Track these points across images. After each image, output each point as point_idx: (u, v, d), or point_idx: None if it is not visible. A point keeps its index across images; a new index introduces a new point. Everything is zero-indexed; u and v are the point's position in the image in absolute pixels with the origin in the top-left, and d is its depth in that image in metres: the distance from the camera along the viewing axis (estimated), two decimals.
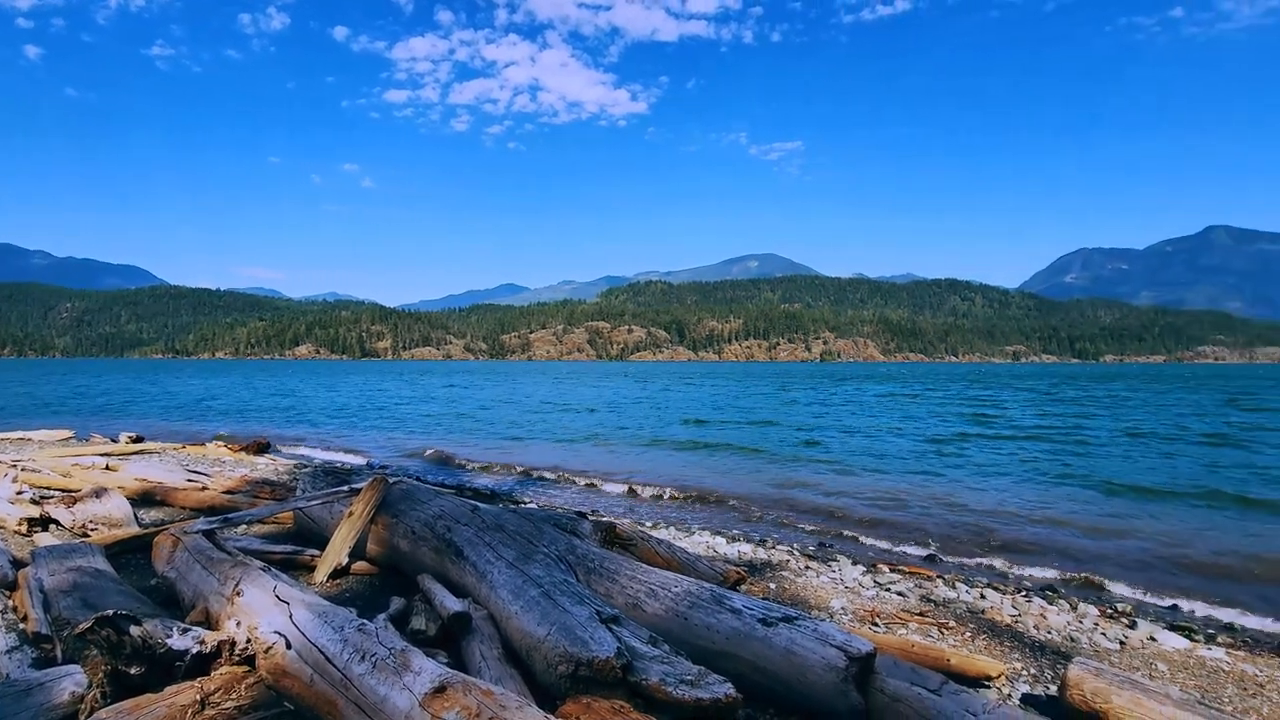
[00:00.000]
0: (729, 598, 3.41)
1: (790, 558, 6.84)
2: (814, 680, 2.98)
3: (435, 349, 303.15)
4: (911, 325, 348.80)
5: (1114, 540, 8.16)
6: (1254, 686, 4.15)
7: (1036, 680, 3.97)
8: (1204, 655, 4.68)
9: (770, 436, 18.39)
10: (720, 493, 10.71)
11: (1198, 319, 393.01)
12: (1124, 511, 9.57)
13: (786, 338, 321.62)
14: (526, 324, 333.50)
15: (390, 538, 4.74)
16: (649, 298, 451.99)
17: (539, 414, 25.76)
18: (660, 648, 2.84)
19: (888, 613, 5.08)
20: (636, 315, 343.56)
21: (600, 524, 4.65)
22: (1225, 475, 12.48)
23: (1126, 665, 4.40)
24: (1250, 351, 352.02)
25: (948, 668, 3.78)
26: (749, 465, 13.54)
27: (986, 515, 9.30)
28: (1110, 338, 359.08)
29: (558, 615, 3.04)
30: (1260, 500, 10.18)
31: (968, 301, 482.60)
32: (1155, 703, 2.93)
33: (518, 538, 3.98)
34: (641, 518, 8.95)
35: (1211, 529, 8.61)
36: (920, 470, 12.99)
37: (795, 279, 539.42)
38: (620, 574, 3.66)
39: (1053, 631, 4.97)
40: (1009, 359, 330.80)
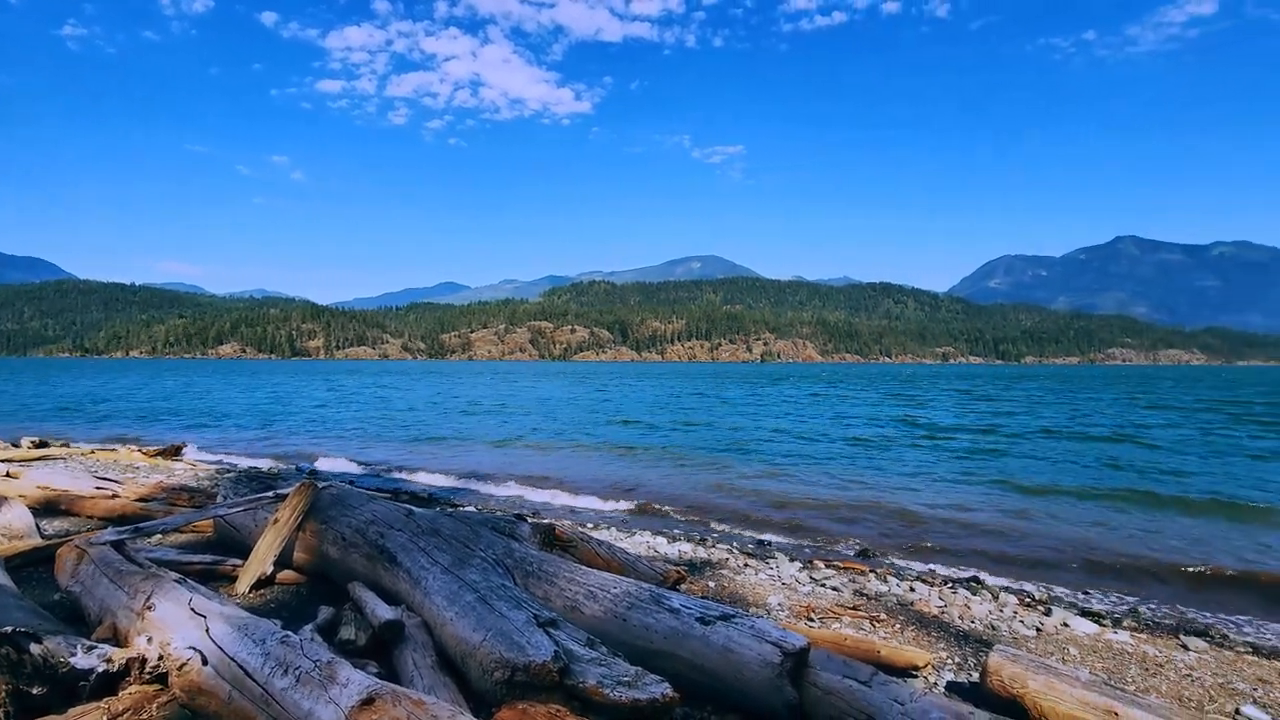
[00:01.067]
0: (667, 597, 3.42)
1: (730, 556, 6.93)
2: (750, 676, 3.02)
3: (371, 349, 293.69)
4: (848, 327, 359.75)
5: (1032, 533, 8.61)
6: (1154, 666, 4.44)
7: (960, 668, 4.14)
8: (1111, 639, 4.98)
9: (707, 437, 18.60)
10: (660, 493, 10.77)
11: (1108, 323, 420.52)
12: (1039, 507, 10.11)
13: (728, 339, 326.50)
14: (467, 323, 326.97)
15: (319, 545, 4.55)
16: (592, 298, 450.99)
17: (476, 416, 25.31)
18: (598, 650, 2.82)
19: (823, 608, 5.20)
20: (580, 315, 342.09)
21: (539, 526, 4.59)
22: (1129, 472, 13.34)
23: (1042, 651, 4.64)
24: (1153, 354, 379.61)
25: (878, 659, 3.90)
26: (689, 465, 13.67)
27: (915, 511, 9.66)
28: (1030, 340, 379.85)
29: (494, 620, 2.98)
30: (1161, 496, 10.92)
31: (901, 304, 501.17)
32: (1066, 685, 3.10)
33: (454, 542, 3.88)
34: (582, 519, 8.91)
35: (1117, 522, 9.19)
36: (852, 468, 13.40)
37: (737, 281, 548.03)
38: (559, 576, 3.62)
39: (976, 621, 5.20)
40: (939, 360, 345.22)
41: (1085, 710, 2.96)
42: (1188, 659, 4.63)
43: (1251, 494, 10.83)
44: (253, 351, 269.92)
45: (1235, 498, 10.42)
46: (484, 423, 22.41)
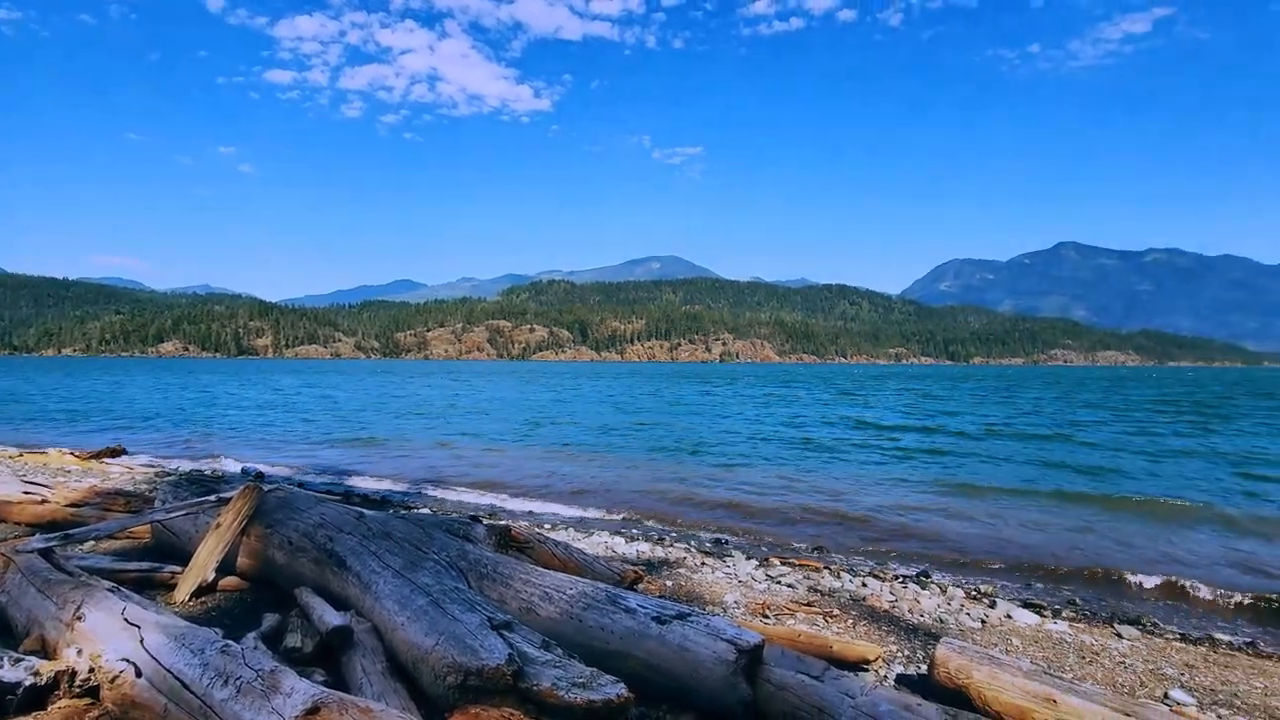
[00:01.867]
0: (624, 597, 3.41)
1: (687, 555, 6.97)
2: (706, 675, 3.04)
3: (323, 347, 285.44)
4: (805, 328, 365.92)
5: (977, 529, 8.89)
6: (1090, 654, 4.63)
7: (910, 661, 4.25)
8: (1051, 629, 5.18)
9: (665, 437, 18.66)
10: (619, 493, 10.77)
11: (1050, 326, 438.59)
12: (984, 504, 10.45)
13: (687, 338, 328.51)
14: (423, 322, 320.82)
15: (265, 550, 4.40)
16: (552, 297, 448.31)
17: (431, 417, 24.89)
18: (553, 651, 2.80)
19: (778, 604, 5.27)
20: (539, 315, 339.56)
21: (495, 527, 4.53)
22: (1066, 471, 13.90)
23: (987, 642, 4.79)
24: (1092, 355, 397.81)
25: (831, 654, 3.97)
26: (647, 466, 13.69)
27: (868, 509, 9.87)
28: (978, 341, 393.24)
29: (447, 624, 2.93)
30: (1093, 495, 11.41)
31: (856, 306, 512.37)
32: (1009, 675, 3.21)
33: (406, 545, 3.80)
34: (540, 520, 8.84)
35: (1056, 518, 9.56)
36: (806, 468, 13.63)
37: (696, 281, 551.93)
38: (514, 578, 3.58)
39: (925, 614, 5.34)
40: (892, 360, 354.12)
41: (1026, 698, 3.06)
42: (1121, 647, 4.84)
43: (1178, 492, 11.40)
44: (196, 350, 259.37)
45: (1161, 496, 10.95)
46: (439, 424, 22.03)
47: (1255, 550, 7.95)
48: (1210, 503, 10.27)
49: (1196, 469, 13.78)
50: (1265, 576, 7.07)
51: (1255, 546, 8.11)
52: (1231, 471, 13.38)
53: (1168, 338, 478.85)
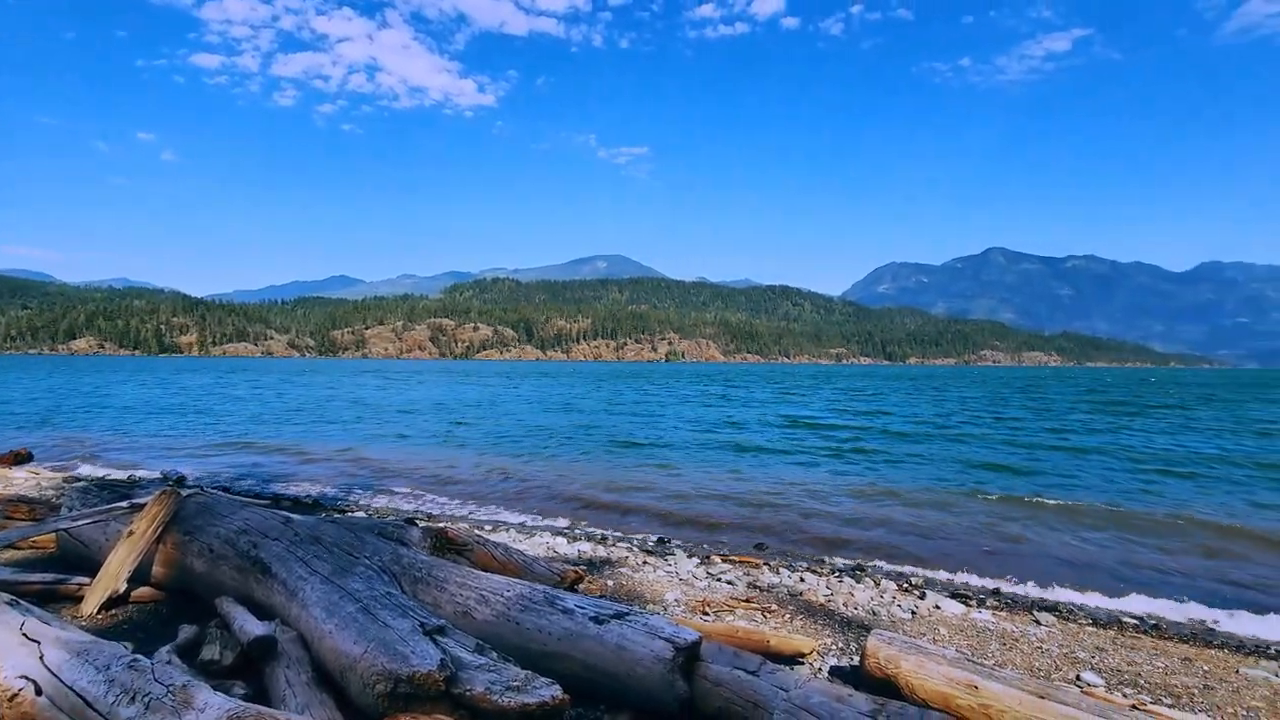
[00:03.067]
0: (562, 598, 3.39)
1: (630, 554, 6.97)
2: (643, 673, 3.05)
3: (253, 345, 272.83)
4: (749, 328, 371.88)
5: (911, 523, 9.22)
6: (1011, 641, 4.86)
7: (844, 652, 4.36)
8: (976, 618, 5.41)
9: (608, 437, 18.65)
10: (561, 494, 10.70)
11: (980, 328, 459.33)
12: (917, 499, 10.84)
13: (633, 338, 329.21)
14: (362, 319, 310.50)
15: (183, 558, 4.18)
16: (496, 295, 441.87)
17: (368, 416, 24.17)
18: (487, 655, 2.75)
19: (718, 601, 5.33)
20: (483, 313, 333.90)
21: (430, 530, 4.43)
22: (987, 469, 14.58)
23: (916, 632, 4.97)
24: (1018, 355, 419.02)
25: (768, 649, 4.04)
26: (590, 466, 13.64)
27: (807, 505, 10.11)
28: (914, 342, 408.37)
29: (376, 630, 2.84)
30: (1023, 497, 12.00)
31: (798, 307, 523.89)
32: (934, 663, 3.33)
33: (336, 550, 3.67)
34: (480, 521, 8.70)
35: (982, 511, 10.01)
36: (747, 465, 13.85)
37: (642, 281, 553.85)
38: (450, 582, 3.51)
39: (859, 607, 5.49)
40: (833, 360, 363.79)
41: (950, 685, 3.19)
42: (1039, 633, 5.10)
43: (1088, 492, 12.11)
44: (113, 347, 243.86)
45: (1077, 495, 11.61)
46: (375, 424, 21.41)
47: (1144, 544, 8.51)
48: (1114, 501, 10.95)
49: (1103, 467, 14.65)
50: (1157, 572, 7.57)
51: (1145, 540, 8.68)
52: (1133, 468, 14.28)
53: (1086, 340, 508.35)
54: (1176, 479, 12.77)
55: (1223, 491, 11.57)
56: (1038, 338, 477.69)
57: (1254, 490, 11.72)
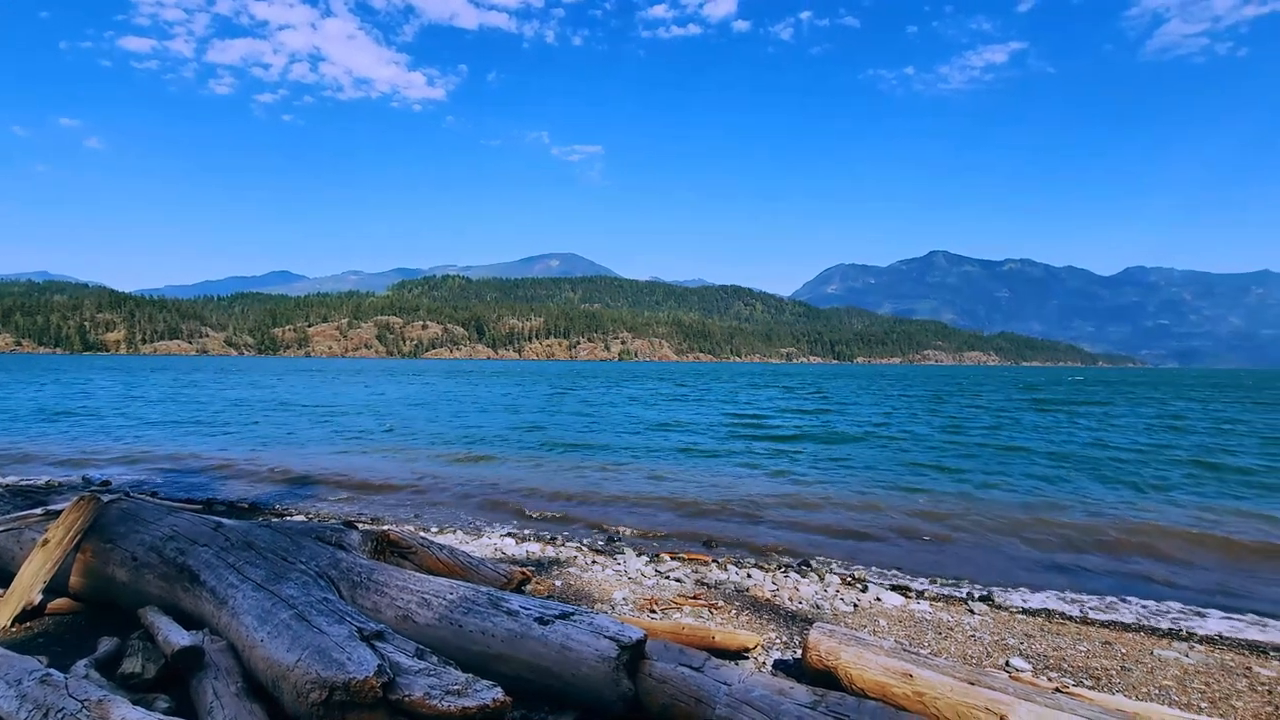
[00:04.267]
0: (506, 600, 3.36)
1: (578, 554, 6.95)
2: (588, 672, 3.04)
3: (187, 343, 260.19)
4: (702, 327, 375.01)
5: (856, 518, 9.46)
6: (946, 630, 5.04)
7: (787, 646, 4.45)
8: (914, 609, 5.59)
9: (557, 436, 18.54)
10: (510, 494, 10.60)
11: (923, 328, 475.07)
12: (863, 494, 11.14)
13: (586, 337, 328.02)
14: (304, 316, 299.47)
15: (104, 567, 3.97)
16: (446, 292, 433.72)
17: (309, 416, 23.44)
18: (428, 659, 2.70)
19: (665, 599, 5.37)
20: (432, 311, 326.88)
21: (371, 533, 4.32)
22: (930, 465, 15.09)
23: (857, 624, 5.10)
24: (960, 355, 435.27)
25: (713, 645, 4.09)
26: (539, 465, 13.55)
27: (754, 502, 10.26)
28: (861, 342, 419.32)
29: (311, 637, 2.76)
30: (944, 492, 12.45)
31: (750, 307, 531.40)
32: (873, 654, 3.43)
33: (270, 555, 3.55)
34: (426, 523, 8.54)
35: (920, 507, 10.35)
36: (696, 464, 13.98)
37: (595, 280, 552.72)
38: (390, 585, 3.43)
39: (803, 601, 5.61)
40: (783, 359, 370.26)
41: (887, 675, 3.29)
42: (973, 622, 5.30)
43: (1013, 487, 12.67)
44: (31, 344, 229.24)
45: (1002, 489, 12.13)
46: (317, 424, 20.76)
47: (1068, 537, 8.96)
48: (1042, 496, 11.48)
49: (1030, 464, 15.34)
50: (1082, 563, 7.98)
51: (1069, 534, 9.14)
52: (1058, 464, 15.00)
53: (1022, 340, 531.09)
54: (1100, 477, 13.45)
55: (1143, 486, 12.25)
56: (978, 338, 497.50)
57: (1167, 480, 12.44)
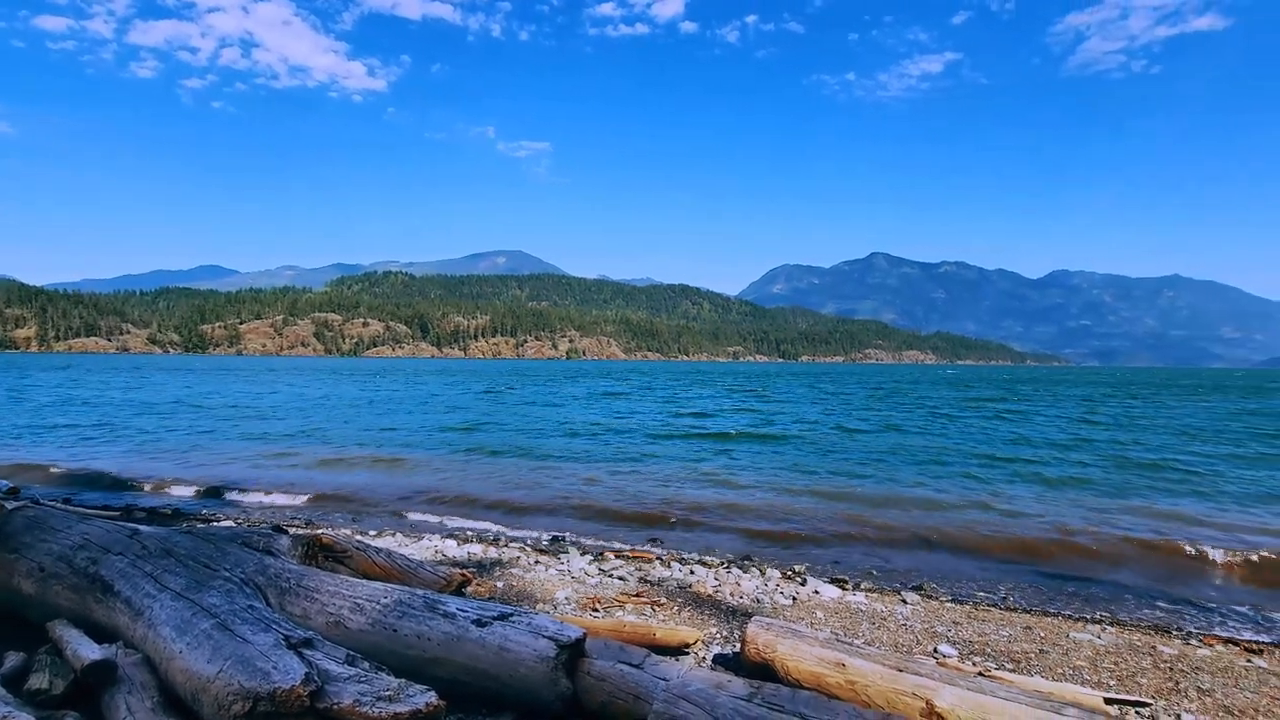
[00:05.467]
0: (444, 602, 3.30)
1: (522, 554, 6.89)
2: (526, 673, 3.02)
3: (106, 340, 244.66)
4: (650, 326, 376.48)
5: (799, 513, 9.67)
6: (880, 620, 5.22)
7: (728, 641, 4.52)
8: (850, 601, 5.76)
9: (501, 436, 18.29)
10: (453, 495, 10.42)
11: (865, 327, 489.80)
12: (807, 490, 11.40)
13: (534, 335, 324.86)
14: (236, 313, 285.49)
15: (8, 579, 3.72)
16: (388, 289, 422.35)
17: (239, 417, 22.49)
18: (359, 666, 2.63)
19: (608, 597, 5.37)
20: (374, 308, 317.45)
21: (301, 538, 4.18)
22: (869, 461, 15.57)
23: (796, 617, 5.22)
24: (899, 354, 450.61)
25: (654, 641, 4.12)
26: (482, 466, 13.36)
27: (700, 499, 10.38)
28: (806, 341, 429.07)
29: (234, 647, 2.65)
30: (879, 488, 12.88)
31: (698, 306, 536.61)
32: (808, 646, 3.51)
33: (191, 563, 3.39)
34: (365, 526, 8.31)
35: (859, 501, 10.67)
36: (641, 462, 14.05)
37: (543, 278, 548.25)
38: (321, 591, 3.32)
39: (744, 596, 5.70)
40: (730, 358, 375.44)
41: (821, 665, 3.38)
42: (905, 611, 5.50)
43: (941, 482, 13.21)
44: None
45: (930, 482, 12.63)
46: (250, 425, 19.93)
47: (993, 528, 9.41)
48: (969, 490, 12.01)
49: (959, 459, 16.02)
50: (1006, 552, 8.39)
51: (994, 524, 9.59)
52: (987, 460, 15.71)
53: (957, 339, 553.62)
54: (1017, 474, 14.14)
55: (1058, 482, 12.94)
56: (916, 337, 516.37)
57: (1088, 472, 13.19)
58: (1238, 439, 19.68)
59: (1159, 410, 31.83)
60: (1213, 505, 10.44)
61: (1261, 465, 14.48)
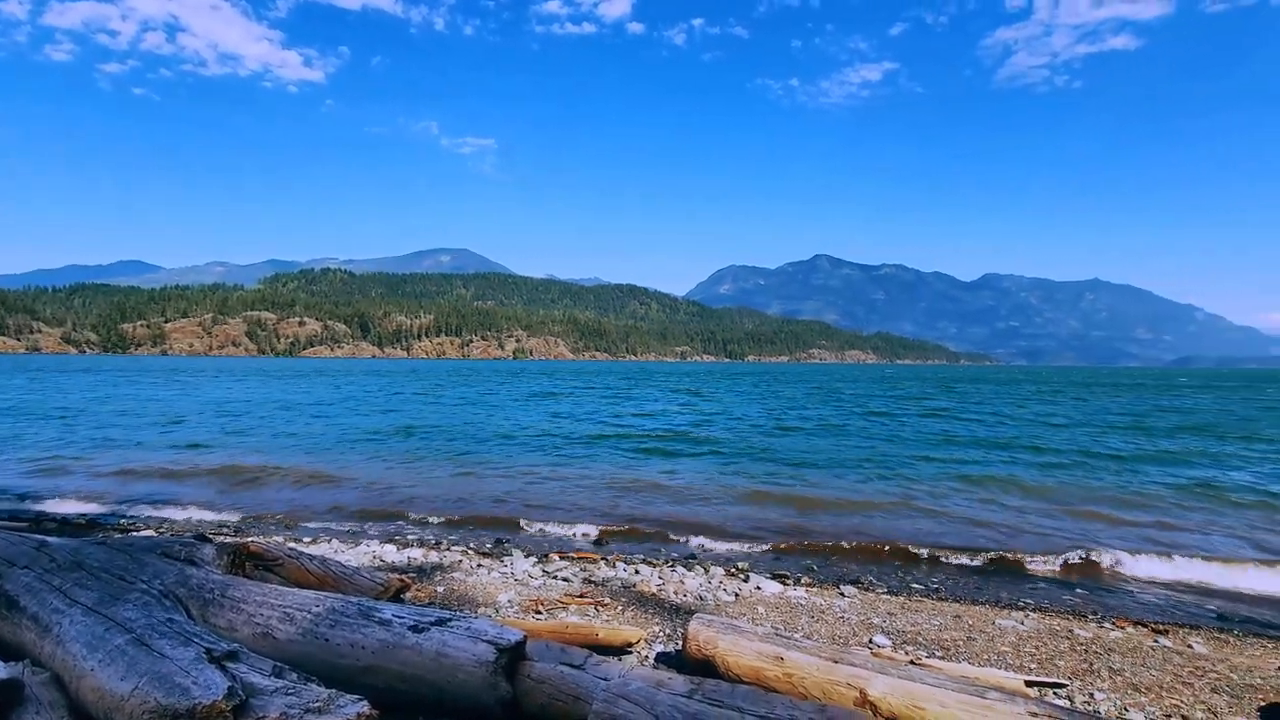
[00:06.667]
0: (379, 609, 3.22)
1: (464, 558, 6.78)
2: (465, 678, 2.98)
3: (14, 339, 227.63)
4: (598, 326, 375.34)
5: (744, 511, 9.83)
6: (819, 613, 5.35)
7: (670, 639, 4.55)
8: (790, 595, 5.88)
9: (440, 439, 17.93)
10: (393, 499, 10.18)
11: (809, 327, 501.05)
12: (751, 488, 11.58)
13: (480, 335, 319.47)
14: (160, 311, 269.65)
15: None
16: (326, 287, 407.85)
17: (160, 420, 21.38)
18: (286, 678, 2.54)
19: (552, 599, 5.34)
20: (311, 306, 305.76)
21: (227, 546, 4.00)
22: (804, 462, 15.95)
23: (738, 613, 5.30)
24: (841, 353, 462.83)
25: (597, 642, 4.12)
26: (422, 468, 13.08)
27: (646, 496, 10.43)
28: (752, 341, 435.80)
29: (150, 663, 2.52)
30: (818, 486, 13.23)
31: (645, 306, 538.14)
32: (748, 640, 3.58)
33: (104, 576, 3.20)
34: (301, 534, 8.02)
35: (808, 496, 10.92)
36: (585, 461, 14.02)
37: (489, 277, 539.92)
38: (248, 601, 3.19)
39: (688, 594, 5.76)
40: (678, 358, 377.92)
41: (760, 659, 3.44)
42: (843, 604, 5.65)
43: (876, 478, 13.65)
44: None
45: (863, 480, 13.03)
46: (174, 428, 18.96)
47: (925, 520, 9.79)
48: (903, 486, 12.45)
49: (892, 453, 16.60)
50: (940, 544, 8.73)
51: (923, 517, 9.98)
52: (916, 455, 16.32)
53: (896, 340, 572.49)
54: (952, 476, 14.74)
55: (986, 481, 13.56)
56: (857, 337, 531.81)
57: (1014, 470, 13.85)
58: (1151, 436, 21.02)
59: (1080, 408, 33.70)
60: (1126, 502, 11.12)
61: (1174, 464, 15.51)
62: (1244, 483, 12.45)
